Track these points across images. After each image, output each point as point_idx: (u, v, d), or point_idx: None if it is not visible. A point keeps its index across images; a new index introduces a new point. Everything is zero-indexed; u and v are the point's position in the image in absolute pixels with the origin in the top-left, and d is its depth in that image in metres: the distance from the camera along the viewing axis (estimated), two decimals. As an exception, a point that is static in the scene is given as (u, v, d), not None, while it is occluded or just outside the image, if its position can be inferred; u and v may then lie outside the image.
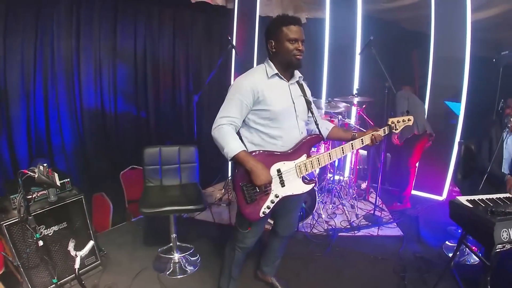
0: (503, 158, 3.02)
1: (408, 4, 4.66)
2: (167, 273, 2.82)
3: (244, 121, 2.04)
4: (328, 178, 4.38)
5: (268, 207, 2.02)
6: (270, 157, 2.00)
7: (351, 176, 4.62)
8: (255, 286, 2.75)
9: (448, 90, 4.43)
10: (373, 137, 2.20)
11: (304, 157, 2.09)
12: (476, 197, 2.38)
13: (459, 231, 3.54)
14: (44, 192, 2.47)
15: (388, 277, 2.90)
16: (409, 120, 2.38)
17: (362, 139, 2.20)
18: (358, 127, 4.24)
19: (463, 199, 2.34)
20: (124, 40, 4.25)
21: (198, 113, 4.05)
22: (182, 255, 2.96)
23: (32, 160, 3.55)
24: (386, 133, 2.32)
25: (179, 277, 2.80)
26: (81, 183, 3.95)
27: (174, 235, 2.90)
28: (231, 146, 1.88)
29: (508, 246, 1.99)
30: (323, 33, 5.16)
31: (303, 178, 2.11)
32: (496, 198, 2.42)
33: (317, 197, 3.64)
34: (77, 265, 1.96)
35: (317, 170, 4.41)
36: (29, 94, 3.54)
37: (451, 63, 4.35)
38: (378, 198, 4.00)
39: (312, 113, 2.19)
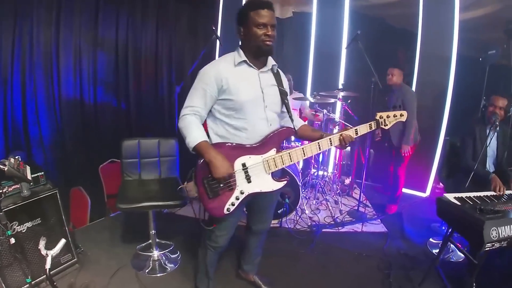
0: (487, 156, 3.03)
1: (396, 1, 4.67)
2: (146, 271, 2.72)
3: (210, 111, 1.96)
4: (312, 173, 4.33)
5: (232, 204, 1.92)
6: (235, 150, 1.90)
7: (335, 171, 4.59)
8: (237, 285, 2.67)
9: (434, 88, 4.43)
10: (341, 137, 2.02)
11: (273, 151, 1.96)
12: (463, 195, 2.40)
13: (443, 228, 3.57)
14: (17, 186, 2.33)
15: (373, 274, 2.87)
16: (401, 115, 2.16)
17: (330, 139, 2.02)
18: (343, 122, 4.20)
19: (450, 196, 2.36)
20: (105, 29, 4.11)
21: (180, 105, 3.87)
22: (161, 252, 2.86)
23: (9, 153, 3.38)
24: (373, 128, 2.12)
25: (158, 275, 2.70)
26: (59, 177, 3.83)
27: (153, 231, 2.81)
28: (193, 135, 1.82)
29: (497, 245, 2.00)
30: (309, 28, 5.10)
31: (273, 175, 2.00)
32: (483, 196, 2.45)
33: (301, 192, 3.59)
34: (47, 265, 1.84)
35: (301, 164, 4.39)
36: (6, 83, 3.39)
37: (437, 61, 4.36)
38: (362, 194, 3.98)
39: (285, 105, 2.07)
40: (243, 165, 1.90)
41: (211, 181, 1.84)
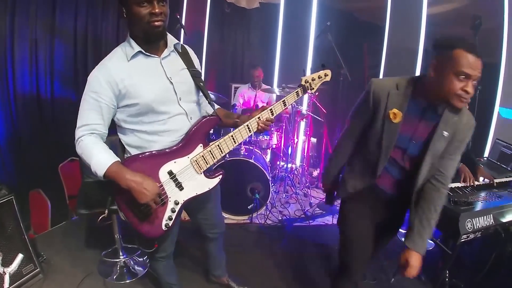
0: None
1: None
2: (114, 277, 2.61)
3: (115, 122, 1.65)
4: (280, 166, 4.33)
5: (170, 218, 1.68)
6: (154, 159, 1.62)
7: (303, 164, 4.62)
8: None
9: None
10: (259, 120, 1.76)
11: (199, 148, 1.71)
12: None
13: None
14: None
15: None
16: (325, 75, 2.02)
17: (248, 125, 1.76)
18: (311, 113, 4.21)
19: None
20: (63, 19, 3.82)
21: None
22: (129, 257, 2.75)
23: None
24: (300, 95, 1.94)
25: (128, 281, 2.60)
26: (16, 179, 3.59)
27: (118, 235, 2.69)
28: (97, 160, 1.49)
29: (471, 236, 2.06)
30: (277, 19, 5.03)
31: (206, 173, 1.76)
32: (455, 187, 2.49)
33: (270, 187, 3.57)
34: (6, 284, 1.71)
35: (269, 157, 4.36)
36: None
37: (404, 55, 4.42)
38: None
39: (201, 88, 1.76)
40: (170, 173, 1.64)
41: (138, 204, 1.54)
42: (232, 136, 1.73)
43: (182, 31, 4.05)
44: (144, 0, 1.44)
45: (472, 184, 2.58)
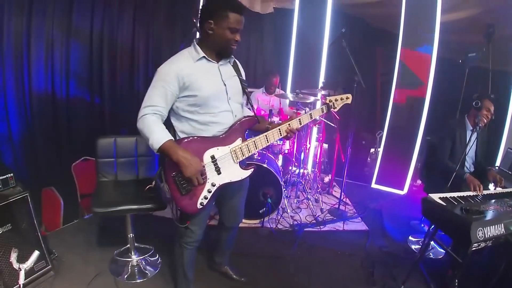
0: (466, 157, 3.10)
1: (378, 1, 4.66)
2: (125, 276, 2.59)
3: (172, 109, 1.91)
4: (292, 171, 4.30)
5: (205, 197, 1.91)
6: (201, 143, 1.88)
7: (315, 169, 4.58)
8: (209, 275, 2.69)
9: (413, 88, 4.47)
10: (289, 127, 2.13)
11: (239, 141, 1.99)
12: (448, 195, 2.45)
13: (422, 225, 3.65)
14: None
15: (356, 273, 2.89)
16: (347, 98, 2.39)
17: (279, 129, 2.10)
18: (324, 119, 4.19)
19: (435, 197, 2.39)
20: (80, 19, 3.88)
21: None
22: (141, 257, 2.73)
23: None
24: (324, 112, 2.35)
25: (138, 281, 2.57)
26: (29, 176, 3.64)
27: (131, 235, 2.67)
28: (156, 136, 1.75)
29: (482, 245, 2.04)
30: (290, 24, 5.01)
31: (241, 164, 2.02)
32: (467, 196, 2.51)
33: (283, 191, 3.54)
34: (21, 280, 1.69)
35: (281, 162, 4.34)
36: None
37: (417, 62, 4.40)
38: (342, 192, 3.99)
39: (246, 94, 2.09)
40: (212, 157, 1.90)
41: (182, 178, 1.80)
42: (266, 135, 2.05)
43: (198, 34, 4.08)
44: (236, 29, 1.80)
45: (480, 192, 2.59)
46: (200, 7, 1.90)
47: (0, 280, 2.14)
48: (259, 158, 3.50)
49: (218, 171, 1.92)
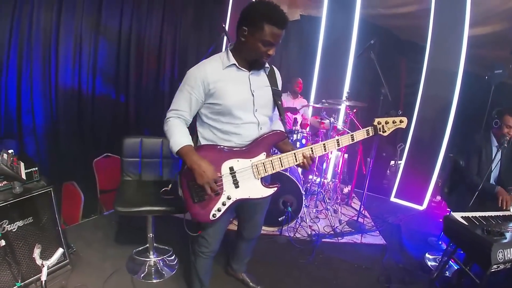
0: (491, 172, 3.04)
1: (405, 13, 4.63)
2: (142, 275, 2.58)
3: (198, 114, 1.87)
4: (313, 180, 4.25)
5: (218, 210, 1.82)
6: (222, 153, 1.81)
7: (335, 180, 4.53)
8: (225, 281, 2.66)
9: (438, 102, 4.40)
10: (303, 155, 1.88)
11: (263, 155, 1.85)
12: (470, 214, 2.42)
13: (440, 242, 3.57)
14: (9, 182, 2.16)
15: (372, 287, 2.83)
16: (401, 121, 2.06)
17: (311, 148, 1.90)
18: (347, 130, 4.14)
19: (457, 215, 2.37)
20: (109, 17, 3.95)
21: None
22: (159, 258, 2.72)
23: (0, 141, 3.23)
24: (371, 135, 2.02)
25: (154, 281, 2.56)
26: (50, 169, 3.68)
27: (151, 235, 2.66)
28: (175, 139, 1.74)
29: (502, 267, 2.02)
30: (317, 32, 4.99)
31: (263, 181, 1.89)
32: (489, 216, 2.47)
33: (303, 201, 3.50)
34: (44, 277, 1.70)
35: (300, 170, 4.29)
36: (2, 67, 3.23)
37: (443, 76, 4.33)
38: (361, 205, 3.93)
39: (278, 106, 1.94)
40: (231, 169, 1.81)
41: (196, 186, 1.74)
42: (294, 153, 1.87)
43: (226, 38, 4.10)
44: (270, 43, 1.68)
45: (507, 207, 2.58)
46: (242, 10, 1.76)
47: (19, 273, 2.15)
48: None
49: (236, 184, 1.82)
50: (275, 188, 1.93)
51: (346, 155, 4.90)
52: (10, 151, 1.93)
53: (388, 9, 4.67)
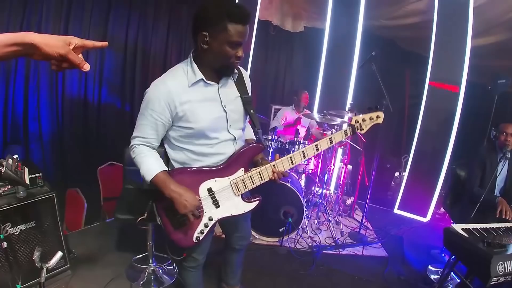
0: (495, 184, 3.04)
1: (408, 24, 4.64)
2: (141, 282, 2.60)
3: (166, 137, 1.71)
4: (315, 191, 4.25)
5: (201, 232, 1.73)
6: (198, 175, 1.69)
7: (338, 191, 4.52)
8: None
9: (441, 113, 4.39)
10: (273, 170, 1.78)
11: (241, 171, 1.75)
12: (470, 226, 2.39)
13: (443, 255, 3.53)
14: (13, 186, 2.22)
15: (373, 300, 2.80)
16: (377, 117, 2.01)
17: (273, 166, 1.78)
18: (350, 141, 4.15)
19: (458, 227, 2.34)
20: (115, 28, 4.03)
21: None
22: (158, 266, 2.73)
23: (6, 147, 3.33)
24: (349, 135, 1.98)
25: (153, 289, 2.58)
26: (55, 175, 3.74)
27: (151, 243, 2.67)
28: (147, 167, 1.61)
29: (502, 279, 1.99)
30: (320, 43, 5.02)
31: (243, 196, 1.80)
32: (490, 228, 2.43)
33: (304, 212, 3.50)
34: (43, 279, 1.73)
35: (303, 182, 4.30)
36: (10, 75, 3.32)
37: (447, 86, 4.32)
38: (364, 216, 3.91)
39: (250, 115, 1.79)
40: (209, 190, 1.70)
41: (176, 212, 1.61)
42: (274, 165, 1.77)
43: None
44: (238, 43, 1.50)
45: (509, 217, 2.56)
46: (194, 14, 1.55)
47: (19, 273, 2.19)
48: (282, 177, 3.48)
49: (216, 204, 1.73)
50: (257, 202, 1.85)
51: (350, 166, 4.90)
52: (15, 156, 1.98)
53: (391, 21, 4.70)
